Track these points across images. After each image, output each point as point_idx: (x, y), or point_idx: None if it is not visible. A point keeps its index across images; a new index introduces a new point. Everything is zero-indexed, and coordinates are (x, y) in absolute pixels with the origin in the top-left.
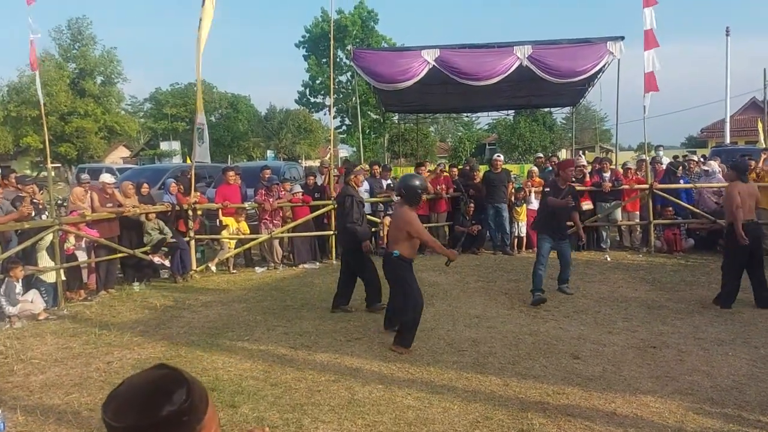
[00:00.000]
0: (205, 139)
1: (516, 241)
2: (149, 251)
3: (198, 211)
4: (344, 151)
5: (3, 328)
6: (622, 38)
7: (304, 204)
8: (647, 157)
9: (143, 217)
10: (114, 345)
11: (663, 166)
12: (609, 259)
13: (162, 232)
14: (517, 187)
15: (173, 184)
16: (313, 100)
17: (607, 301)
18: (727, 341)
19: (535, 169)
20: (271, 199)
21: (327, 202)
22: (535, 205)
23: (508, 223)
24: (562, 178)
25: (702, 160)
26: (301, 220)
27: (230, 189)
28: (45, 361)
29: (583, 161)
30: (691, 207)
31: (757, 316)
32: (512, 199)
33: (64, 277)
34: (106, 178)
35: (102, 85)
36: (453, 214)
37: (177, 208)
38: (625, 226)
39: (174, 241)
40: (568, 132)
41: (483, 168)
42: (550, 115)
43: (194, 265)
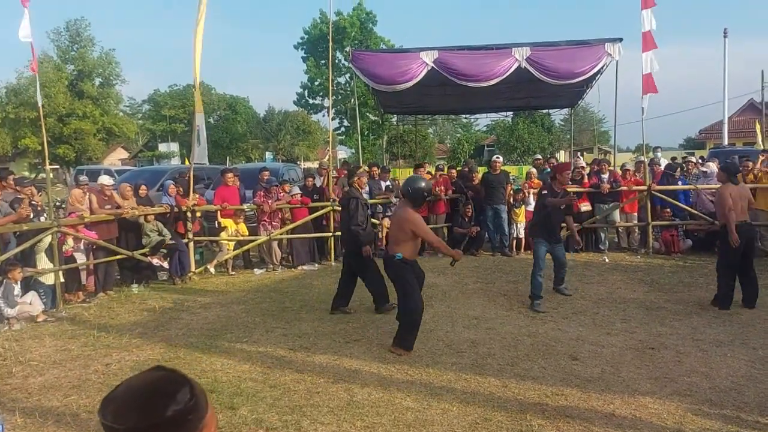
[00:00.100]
0: (202, 140)
1: (515, 242)
2: (148, 253)
3: (197, 213)
4: (343, 153)
5: (1, 330)
6: (621, 40)
7: (302, 205)
8: (645, 159)
9: (142, 219)
10: (112, 347)
11: (661, 168)
12: (607, 261)
13: (161, 234)
14: (515, 188)
15: (172, 186)
16: (312, 102)
17: (606, 303)
18: (726, 342)
19: (534, 170)
20: (270, 201)
21: (326, 204)
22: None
23: (507, 225)
24: (558, 182)
25: (700, 161)
26: (299, 222)
27: (229, 191)
28: (43, 363)
29: (581, 163)
30: (688, 208)
31: (756, 318)
32: (511, 200)
33: (62, 279)
34: (104, 179)
35: (100, 86)
36: (452, 216)
37: (176, 209)
38: (623, 228)
39: (173, 243)
40: (566, 133)
41: (482, 169)
42: (549, 117)
43: (193, 267)
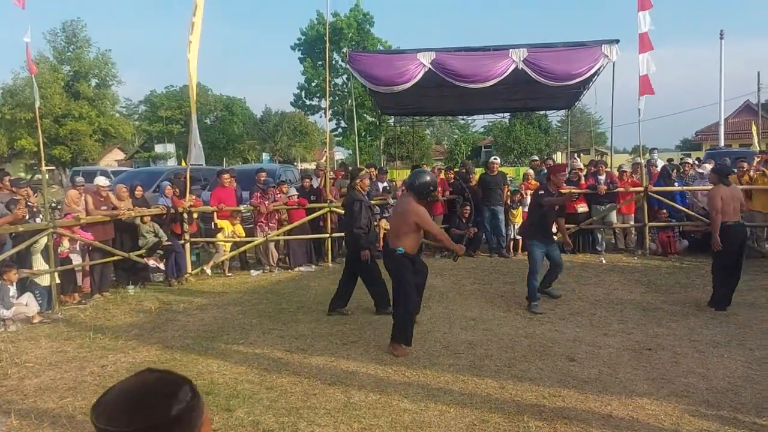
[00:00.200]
0: (196, 141)
1: (512, 243)
2: (144, 254)
3: (194, 215)
4: (340, 154)
5: None
6: (617, 41)
7: (299, 207)
8: (642, 160)
9: (138, 220)
10: (108, 349)
11: (657, 169)
12: (604, 262)
13: (157, 235)
14: (512, 189)
15: (168, 187)
16: (309, 103)
17: (603, 304)
18: (723, 343)
19: (531, 171)
20: (267, 202)
21: (323, 205)
22: None
23: (504, 226)
24: (553, 183)
25: (697, 162)
26: (296, 223)
27: (225, 192)
28: (39, 365)
29: (578, 164)
30: (685, 209)
31: (752, 319)
32: (508, 201)
33: (58, 281)
34: (100, 180)
35: (96, 87)
36: (449, 217)
37: (172, 211)
38: (620, 229)
39: (169, 244)
40: (563, 135)
41: (479, 171)
42: (546, 118)
43: (189, 268)
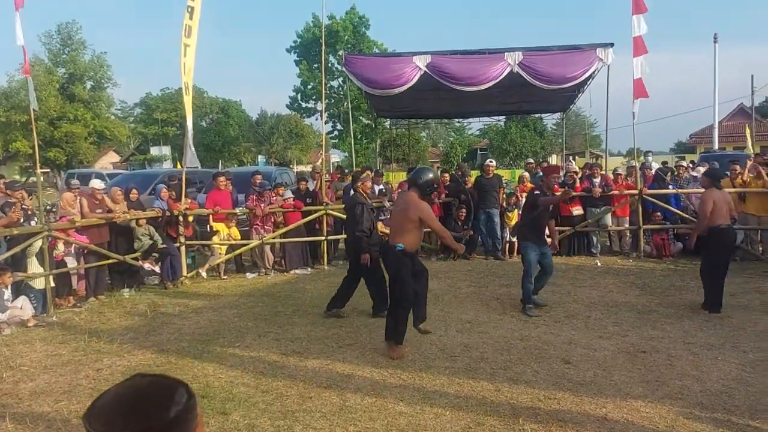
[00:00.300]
0: (190, 144)
1: (507, 246)
2: (140, 257)
3: (189, 217)
4: (336, 157)
5: None
6: (612, 45)
7: (295, 209)
8: (637, 163)
9: (133, 223)
10: (104, 352)
11: (652, 172)
12: (599, 264)
13: (152, 238)
14: (508, 192)
15: (164, 190)
16: (305, 105)
17: (598, 306)
18: (717, 346)
19: (527, 174)
20: (263, 205)
21: (318, 208)
22: None
23: (500, 229)
24: (546, 185)
25: (691, 165)
26: (292, 226)
27: (221, 194)
28: (34, 369)
29: (573, 167)
30: (679, 212)
31: (746, 321)
32: (504, 204)
33: (53, 284)
34: (95, 183)
35: (92, 89)
36: (445, 220)
37: (168, 213)
38: (615, 231)
39: (164, 247)
40: (558, 137)
41: (474, 173)
42: (541, 121)
43: (185, 271)
